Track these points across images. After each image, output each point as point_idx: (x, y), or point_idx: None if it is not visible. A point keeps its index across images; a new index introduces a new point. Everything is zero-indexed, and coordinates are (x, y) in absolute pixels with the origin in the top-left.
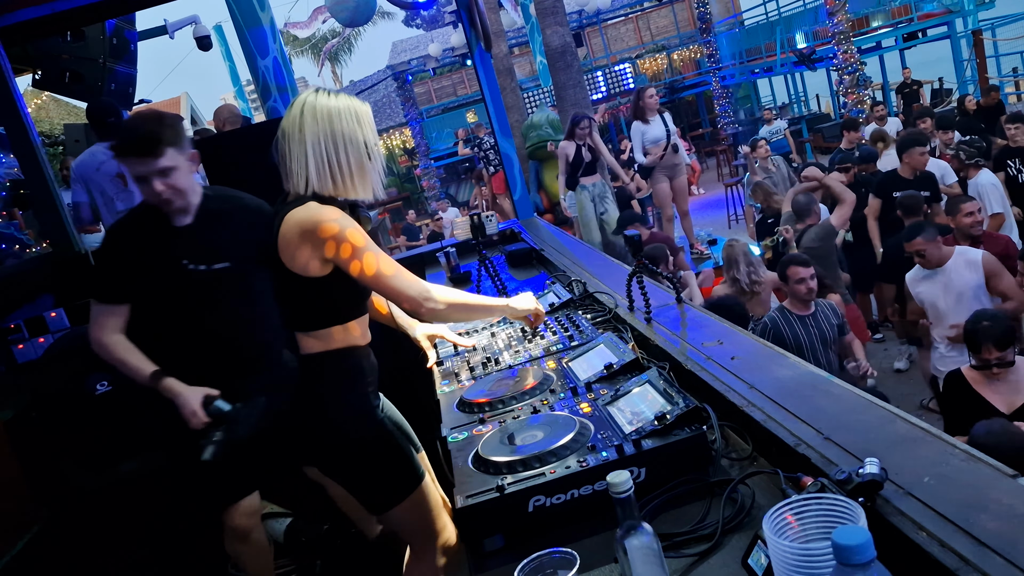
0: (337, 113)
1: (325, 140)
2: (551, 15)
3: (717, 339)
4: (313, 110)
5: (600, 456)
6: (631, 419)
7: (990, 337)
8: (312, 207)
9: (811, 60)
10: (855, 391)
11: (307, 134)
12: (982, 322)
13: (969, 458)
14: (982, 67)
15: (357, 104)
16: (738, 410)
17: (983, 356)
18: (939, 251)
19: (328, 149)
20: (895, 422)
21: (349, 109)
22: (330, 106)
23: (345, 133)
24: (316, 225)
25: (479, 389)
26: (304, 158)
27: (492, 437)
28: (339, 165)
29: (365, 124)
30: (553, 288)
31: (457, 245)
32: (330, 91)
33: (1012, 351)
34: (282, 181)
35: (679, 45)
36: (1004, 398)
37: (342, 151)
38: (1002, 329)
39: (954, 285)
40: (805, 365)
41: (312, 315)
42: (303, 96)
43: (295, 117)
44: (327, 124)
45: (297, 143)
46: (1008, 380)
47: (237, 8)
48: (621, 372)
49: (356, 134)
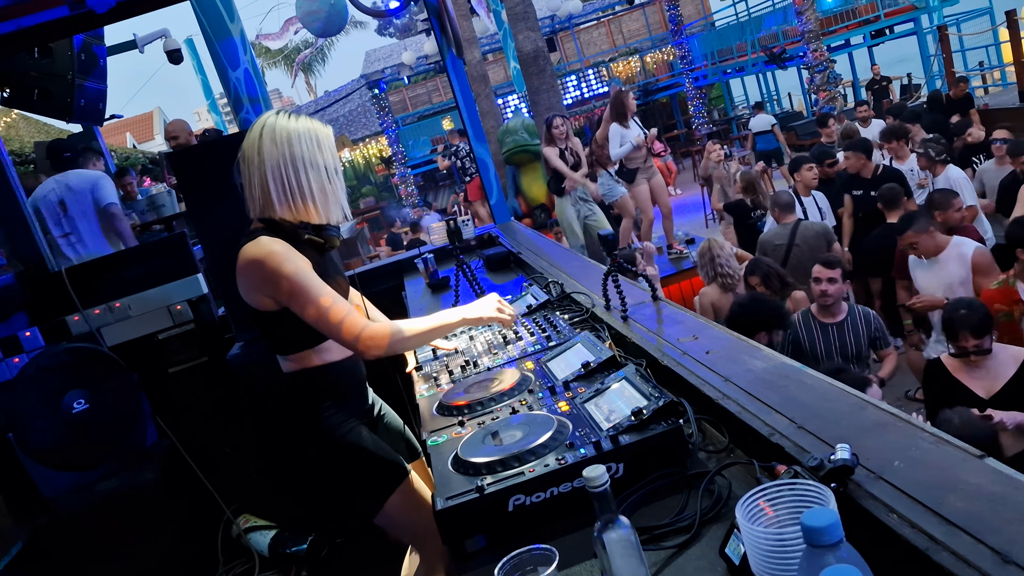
0: (297, 136)
1: (284, 164)
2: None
3: (692, 334)
4: (272, 133)
5: (578, 453)
6: (609, 416)
7: (967, 325)
8: (261, 242)
9: (782, 59)
10: (828, 380)
11: (266, 158)
12: (959, 310)
13: (937, 441)
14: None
15: (318, 127)
16: (714, 403)
17: (960, 344)
18: (933, 241)
19: (288, 173)
20: (866, 409)
21: (309, 132)
22: (290, 129)
23: (305, 157)
24: (259, 262)
25: (458, 392)
26: (264, 183)
27: (471, 439)
28: (299, 189)
29: (325, 148)
30: (531, 290)
31: (435, 251)
32: (290, 113)
33: (989, 339)
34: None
35: (651, 48)
36: (982, 384)
37: (303, 175)
38: (979, 317)
39: (944, 276)
40: (779, 356)
41: (283, 341)
42: (263, 118)
43: (254, 140)
44: (286, 147)
45: (256, 167)
46: (986, 367)
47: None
48: (598, 370)
49: (316, 158)
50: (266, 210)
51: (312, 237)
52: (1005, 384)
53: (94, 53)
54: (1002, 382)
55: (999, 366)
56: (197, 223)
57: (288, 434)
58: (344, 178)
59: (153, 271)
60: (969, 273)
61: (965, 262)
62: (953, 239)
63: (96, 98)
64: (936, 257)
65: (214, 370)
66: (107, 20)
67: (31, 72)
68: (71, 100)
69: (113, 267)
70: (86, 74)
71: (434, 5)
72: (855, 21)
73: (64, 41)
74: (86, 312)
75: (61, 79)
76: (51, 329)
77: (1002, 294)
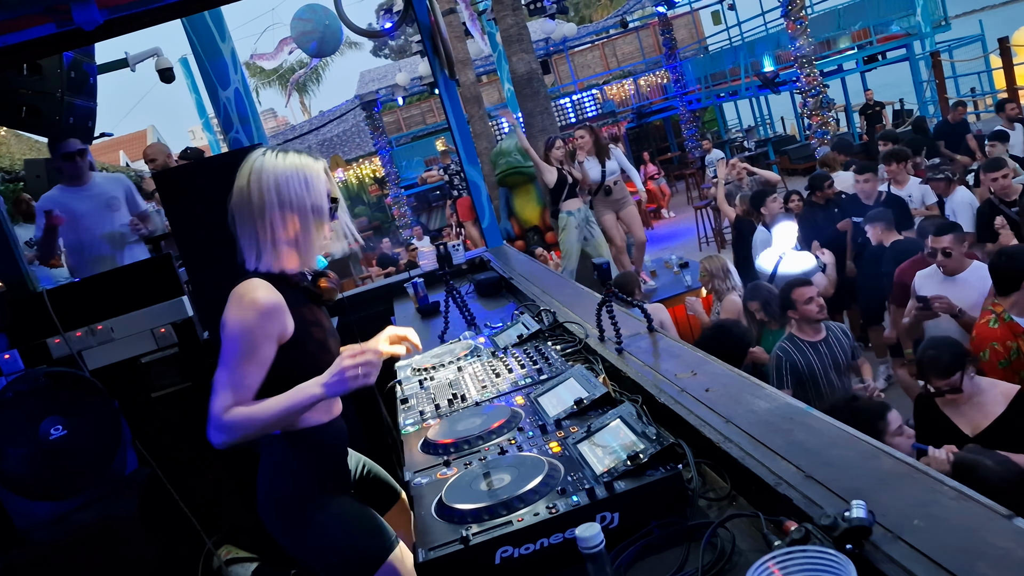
0: (285, 179)
1: (271, 213)
2: (516, 42)
3: (691, 370)
4: (260, 179)
5: (570, 501)
6: (603, 458)
7: (935, 369)
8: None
9: (775, 83)
10: (835, 424)
11: (254, 208)
12: (927, 351)
13: (959, 496)
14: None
15: (307, 163)
16: (715, 446)
17: (934, 384)
18: (962, 257)
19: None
20: (879, 457)
21: (298, 172)
22: (277, 172)
23: (294, 202)
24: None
25: (444, 428)
26: (253, 234)
27: (457, 482)
28: (287, 239)
29: (314, 187)
30: (522, 318)
31: (425, 275)
32: (279, 151)
33: (960, 376)
34: None
35: (645, 71)
36: (969, 421)
37: (291, 222)
38: (948, 357)
39: (964, 295)
40: (781, 396)
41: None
42: (251, 161)
43: (243, 188)
44: (274, 194)
45: (247, 218)
46: (975, 403)
47: (197, 40)
48: (592, 407)
49: (304, 201)
50: (262, 262)
51: (309, 287)
52: (993, 422)
53: (84, 71)
54: (990, 419)
55: (988, 403)
56: (182, 244)
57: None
58: None
59: (137, 293)
60: (984, 295)
61: (987, 283)
62: (975, 262)
63: (85, 116)
64: (956, 276)
65: (198, 395)
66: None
67: (20, 89)
68: (60, 118)
69: (96, 288)
70: (76, 92)
71: (427, 25)
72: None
73: (53, 58)
74: (67, 334)
75: (50, 97)
76: (31, 351)
77: (1004, 331)
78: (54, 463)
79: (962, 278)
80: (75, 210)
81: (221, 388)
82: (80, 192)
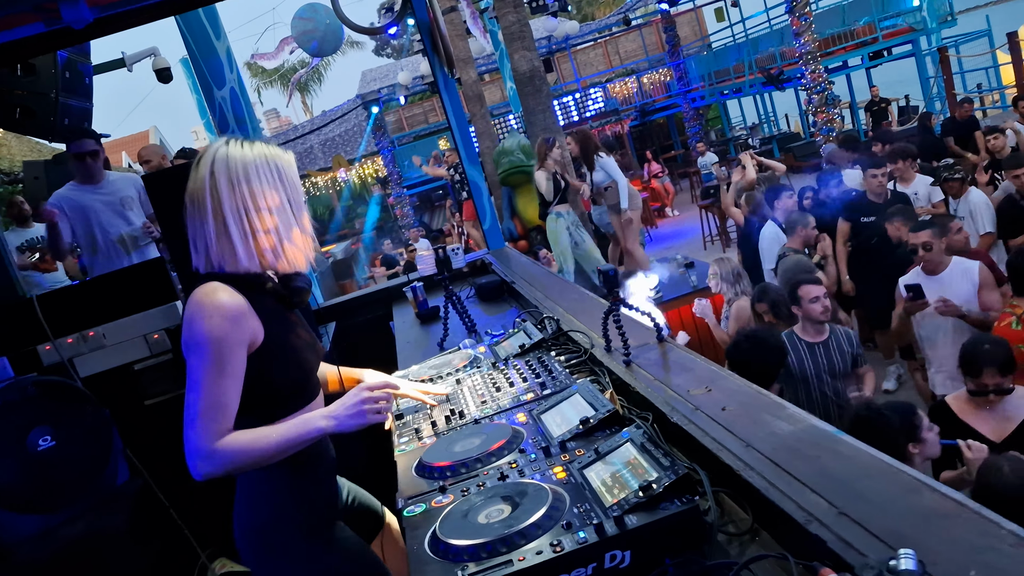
0: (255, 168)
1: (245, 204)
2: (518, 40)
3: (705, 385)
4: (226, 169)
5: (577, 537)
6: (612, 487)
7: (992, 362)
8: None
9: (779, 80)
10: (866, 450)
11: (223, 198)
12: (983, 345)
13: (1019, 542)
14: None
15: (277, 153)
16: (733, 473)
17: (983, 381)
18: (941, 254)
19: (249, 214)
20: (921, 492)
21: (268, 161)
22: (246, 160)
23: (266, 193)
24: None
25: (440, 449)
26: (222, 229)
27: (452, 513)
28: (263, 232)
29: (288, 179)
30: (523, 326)
31: (425, 279)
32: (244, 141)
33: (1010, 378)
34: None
35: (648, 68)
36: (993, 427)
37: (264, 218)
38: (1004, 353)
39: (948, 294)
40: (807, 418)
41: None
42: (211, 150)
43: (203, 179)
44: (244, 184)
45: (210, 212)
46: (998, 408)
47: (192, 38)
48: (599, 427)
49: (278, 193)
50: (224, 263)
51: (277, 289)
52: (1018, 426)
53: (79, 71)
54: (1014, 424)
55: (1011, 408)
56: (173, 248)
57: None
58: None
59: (129, 298)
60: (976, 288)
61: (971, 277)
62: (954, 258)
63: (80, 117)
64: (938, 275)
65: None
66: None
67: (14, 90)
68: (55, 119)
69: (87, 293)
70: (71, 92)
71: (425, 22)
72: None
73: (47, 59)
74: (58, 341)
75: (45, 97)
76: (21, 359)
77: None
78: (40, 475)
79: (945, 277)
80: (87, 206)
81: (199, 416)
82: (93, 189)
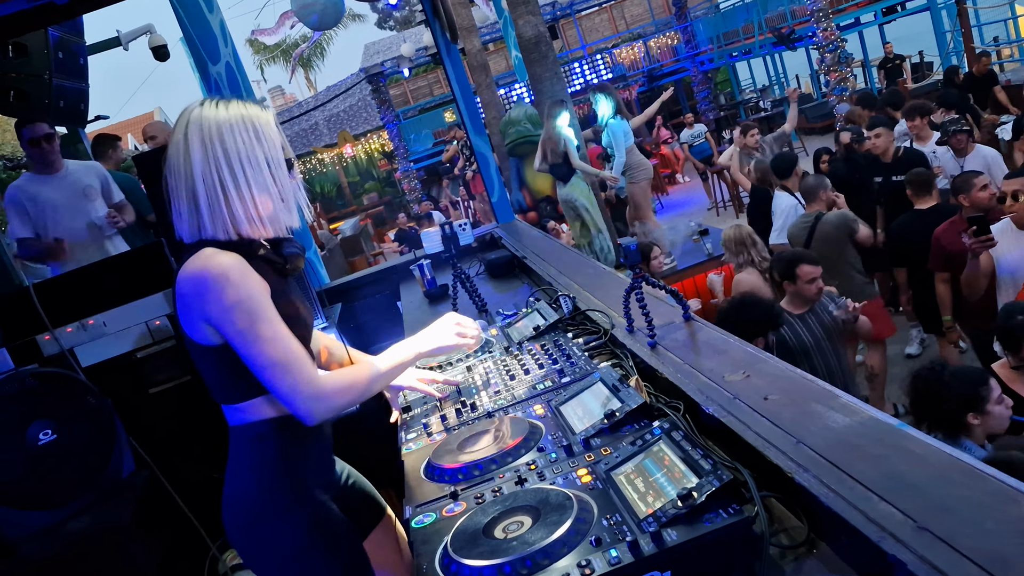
0: (229, 128)
1: (218, 166)
2: (523, 4)
3: (742, 371)
4: (199, 131)
5: (609, 557)
6: (645, 494)
7: None
8: (205, 255)
9: (791, 40)
10: (943, 448)
11: (195, 162)
12: (1017, 316)
13: None
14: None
15: (255, 112)
16: (784, 475)
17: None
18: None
19: (223, 177)
20: (1018, 502)
21: (244, 120)
22: (220, 120)
23: (241, 153)
24: (204, 280)
25: (451, 448)
26: (195, 195)
27: (465, 526)
28: (238, 199)
29: (265, 138)
30: (537, 306)
31: (432, 256)
32: (219, 100)
33: None
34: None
35: (655, 32)
36: None
37: (240, 177)
38: None
39: None
40: (865, 408)
41: (227, 386)
42: (187, 112)
43: (179, 142)
44: (217, 145)
45: (184, 177)
46: None
47: (184, 12)
48: (626, 420)
49: (255, 152)
50: (207, 229)
51: (269, 256)
52: None
53: (73, 51)
54: None
55: None
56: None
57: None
58: (347, 174)
59: (129, 284)
60: None
61: None
62: None
63: (76, 98)
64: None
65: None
66: (69, 12)
67: (7, 73)
68: (49, 101)
69: (85, 281)
70: (65, 73)
71: None
72: None
73: (39, 39)
74: (57, 331)
75: (38, 79)
76: (20, 350)
77: None
78: (42, 470)
79: None
80: (46, 200)
81: (282, 362)
82: (51, 180)
